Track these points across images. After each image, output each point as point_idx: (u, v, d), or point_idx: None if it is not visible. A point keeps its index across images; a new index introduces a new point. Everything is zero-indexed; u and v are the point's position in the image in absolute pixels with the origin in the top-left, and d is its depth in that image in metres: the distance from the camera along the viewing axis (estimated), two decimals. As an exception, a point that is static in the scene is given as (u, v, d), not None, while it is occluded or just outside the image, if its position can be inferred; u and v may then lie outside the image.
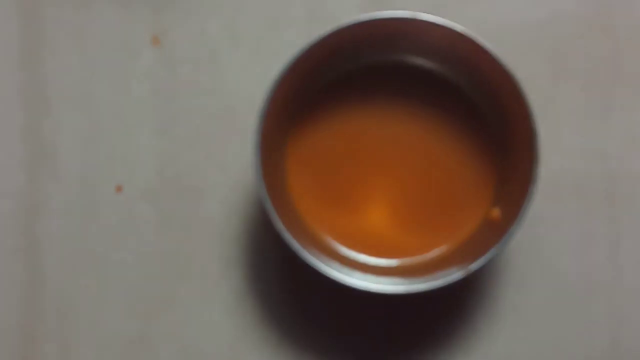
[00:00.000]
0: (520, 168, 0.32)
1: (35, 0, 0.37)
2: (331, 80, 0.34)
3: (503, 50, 0.31)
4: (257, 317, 0.35)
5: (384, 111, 0.34)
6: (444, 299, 0.35)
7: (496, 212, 0.33)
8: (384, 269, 0.33)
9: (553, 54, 0.36)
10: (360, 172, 0.34)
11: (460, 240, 0.33)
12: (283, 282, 0.35)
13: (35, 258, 0.36)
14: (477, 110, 0.34)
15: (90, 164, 0.36)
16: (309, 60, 0.32)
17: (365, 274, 0.32)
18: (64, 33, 0.37)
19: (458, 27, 0.31)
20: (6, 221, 0.36)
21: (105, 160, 0.36)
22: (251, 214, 0.36)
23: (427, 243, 0.34)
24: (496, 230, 0.32)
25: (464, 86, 0.34)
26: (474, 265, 0.30)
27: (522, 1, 0.37)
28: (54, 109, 0.37)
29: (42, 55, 0.37)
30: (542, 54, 0.36)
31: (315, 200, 0.34)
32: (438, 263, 0.33)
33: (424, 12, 0.32)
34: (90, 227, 0.36)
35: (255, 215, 0.36)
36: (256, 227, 0.36)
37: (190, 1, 0.37)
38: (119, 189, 0.36)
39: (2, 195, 0.36)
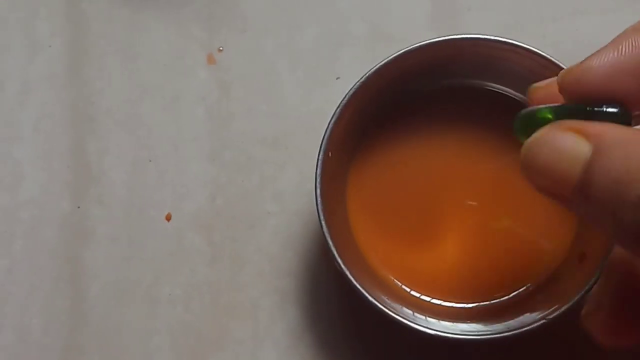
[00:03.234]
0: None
1: (83, 16, 0.35)
2: (399, 105, 0.32)
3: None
4: (314, 359, 0.33)
5: (456, 140, 0.31)
6: (519, 344, 0.32)
7: (581, 254, 0.30)
8: (456, 312, 0.30)
9: None
10: (430, 206, 0.31)
11: (538, 282, 0.30)
12: (343, 322, 0.33)
13: (78, 288, 0.34)
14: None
15: (138, 190, 0.34)
16: (377, 83, 0.30)
17: (435, 317, 0.29)
18: (113, 51, 0.35)
19: (539, 51, 0.29)
20: (49, 248, 0.34)
21: (154, 186, 0.34)
22: (309, 247, 0.33)
23: (501, 285, 0.31)
24: (578, 272, 0.29)
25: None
26: (555, 314, 0.27)
27: (605, 21, 0.34)
28: (101, 131, 0.35)
29: (89, 74, 0.35)
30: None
31: (378, 235, 0.31)
32: (515, 306, 0.30)
33: (498, 33, 0.29)
34: (137, 256, 0.34)
35: (313, 248, 0.33)
36: (315, 260, 0.33)
37: (246, 18, 0.35)
38: (168, 217, 0.34)
39: (46, 221, 0.34)
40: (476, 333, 0.28)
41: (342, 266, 0.28)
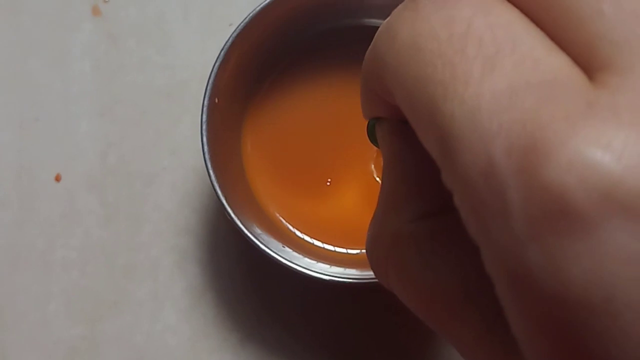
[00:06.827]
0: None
1: (-40, -31, 0.33)
2: (291, 49, 0.30)
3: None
4: (216, 317, 0.31)
5: (352, 82, 0.30)
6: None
7: None
8: (349, 258, 0.29)
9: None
10: (326, 153, 0.30)
11: None
12: (244, 277, 0.31)
13: (-32, 257, 0.32)
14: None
15: (26, 151, 0.32)
16: (265, 25, 0.28)
17: (331, 264, 0.28)
18: (-6, 5, 0.33)
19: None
20: None
21: (42, 146, 0.32)
22: (206, 203, 0.32)
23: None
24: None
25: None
26: None
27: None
28: (-17, 91, 0.33)
29: (-33, 30, 0.33)
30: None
31: (275, 183, 0.30)
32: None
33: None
34: (27, 220, 0.32)
35: (211, 204, 0.32)
36: (213, 216, 0.32)
37: (135, -35, 0.33)
38: (58, 178, 0.32)
39: None
40: (369, 277, 0.27)
41: (232, 215, 0.27)
